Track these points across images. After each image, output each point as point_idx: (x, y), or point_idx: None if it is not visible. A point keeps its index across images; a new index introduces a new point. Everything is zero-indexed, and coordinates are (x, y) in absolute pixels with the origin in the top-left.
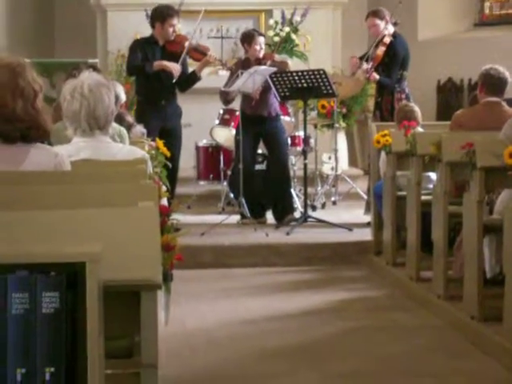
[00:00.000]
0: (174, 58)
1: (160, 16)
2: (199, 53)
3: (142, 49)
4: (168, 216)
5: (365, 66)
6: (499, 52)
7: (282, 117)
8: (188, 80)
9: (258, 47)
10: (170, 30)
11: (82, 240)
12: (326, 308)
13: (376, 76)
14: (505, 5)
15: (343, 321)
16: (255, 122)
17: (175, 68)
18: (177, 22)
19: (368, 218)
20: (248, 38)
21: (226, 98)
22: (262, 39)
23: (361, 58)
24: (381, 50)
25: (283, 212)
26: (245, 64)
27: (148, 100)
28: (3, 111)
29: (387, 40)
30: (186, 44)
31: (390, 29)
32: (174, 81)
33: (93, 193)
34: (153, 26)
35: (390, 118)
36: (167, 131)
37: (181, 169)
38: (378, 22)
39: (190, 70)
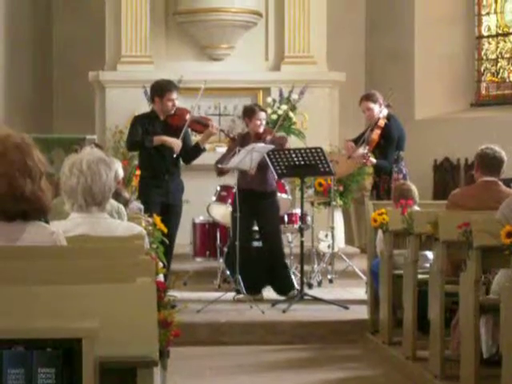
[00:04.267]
0: (176, 131)
1: (159, 91)
2: (201, 124)
3: (143, 124)
4: (165, 292)
5: (361, 150)
6: (496, 132)
7: (278, 194)
8: (192, 152)
9: (258, 122)
10: (170, 104)
11: (79, 316)
12: None
13: (373, 160)
14: (501, 85)
15: None
16: (250, 198)
17: (175, 143)
18: (176, 96)
19: (364, 295)
20: (249, 113)
21: (220, 170)
22: (263, 114)
23: (355, 141)
24: (376, 133)
25: (284, 287)
26: (245, 138)
27: (151, 175)
28: (13, 191)
29: (382, 123)
30: (188, 117)
31: (384, 111)
32: (175, 156)
33: (90, 268)
34: (152, 101)
35: (386, 197)
36: (168, 207)
37: (177, 245)
38: (372, 105)
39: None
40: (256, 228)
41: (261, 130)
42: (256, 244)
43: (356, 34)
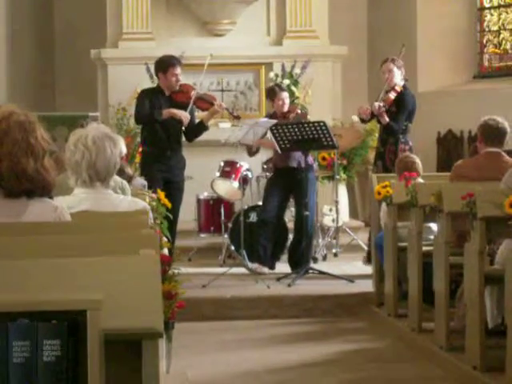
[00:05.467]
0: (181, 107)
1: (162, 66)
2: (206, 102)
3: (150, 98)
4: (169, 265)
5: (377, 104)
6: (498, 103)
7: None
8: (196, 130)
9: (280, 102)
10: (173, 79)
11: (83, 288)
12: (328, 360)
13: (386, 118)
14: (503, 57)
15: (345, 373)
16: (286, 175)
17: (185, 116)
18: (179, 71)
19: (369, 269)
20: (271, 94)
21: (249, 150)
22: (284, 94)
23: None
24: (393, 94)
25: (301, 261)
26: (273, 117)
27: (154, 150)
28: (15, 168)
29: (398, 89)
30: (193, 93)
31: (402, 81)
32: (184, 129)
33: (93, 242)
34: (157, 77)
35: (393, 169)
36: (170, 183)
37: (182, 221)
38: (395, 69)
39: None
40: (247, 206)
41: (285, 109)
42: (252, 219)
43: (358, 7)
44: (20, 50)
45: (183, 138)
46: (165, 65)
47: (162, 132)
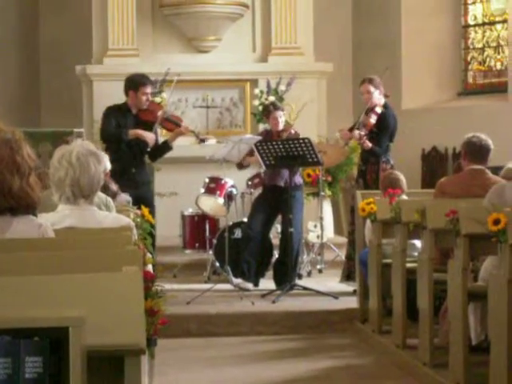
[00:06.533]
0: (147, 126)
1: (134, 84)
2: (172, 123)
3: (115, 116)
4: (152, 282)
5: (357, 132)
6: (483, 120)
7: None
8: (160, 150)
9: (275, 121)
10: (144, 98)
11: (66, 305)
12: (312, 376)
13: (369, 144)
14: (488, 74)
15: None
16: (273, 192)
17: (150, 137)
18: (150, 90)
19: (350, 286)
20: (266, 112)
21: (240, 164)
22: (278, 113)
23: (350, 130)
24: (373, 118)
25: (285, 279)
26: (267, 135)
27: (119, 168)
28: (0, 186)
29: (379, 110)
30: (159, 113)
31: (382, 99)
32: (148, 150)
33: (77, 259)
34: (126, 94)
35: (374, 187)
36: (139, 199)
37: (166, 237)
38: (373, 89)
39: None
40: (234, 222)
41: (279, 127)
42: (236, 236)
43: (343, 23)
44: (5, 65)
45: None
46: (136, 83)
47: (128, 150)
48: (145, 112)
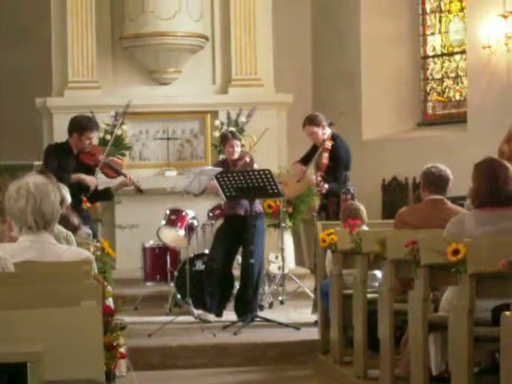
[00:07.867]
0: (87, 169)
1: (79, 127)
2: (112, 170)
3: (57, 156)
4: (111, 316)
5: (313, 177)
6: (442, 151)
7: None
8: (100, 195)
9: (231, 149)
10: (87, 142)
11: (24, 340)
12: None
13: (326, 186)
14: (447, 105)
15: None
16: (234, 222)
17: (93, 182)
18: (94, 135)
19: (315, 317)
20: (222, 140)
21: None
22: (235, 142)
23: (303, 161)
24: (325, 157)
25: (247, 309)
26: (224, 164)
27: None
28: None
29: (328, 145)
30: (100, 158)
31: (328, 132)
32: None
33: (35, 293)
34: (70, 134)
35: (336, 219)
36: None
37: (127, 270)
38: (316, 129)
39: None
40: (201, 251)
41: (234, 156)
42: (199, 268)
43: (302, 55)
44: None
45: None
46: (82, 127)
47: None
48: (86, 155)
